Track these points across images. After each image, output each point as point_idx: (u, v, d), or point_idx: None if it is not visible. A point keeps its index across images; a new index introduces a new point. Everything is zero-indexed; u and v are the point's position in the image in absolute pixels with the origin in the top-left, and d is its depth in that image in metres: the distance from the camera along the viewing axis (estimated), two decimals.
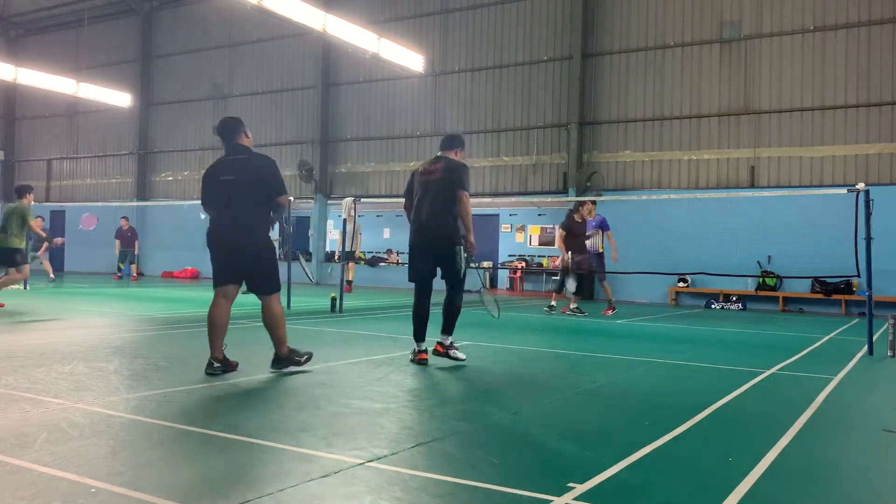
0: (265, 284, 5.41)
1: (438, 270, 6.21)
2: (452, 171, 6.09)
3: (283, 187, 5.46)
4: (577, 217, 12.03)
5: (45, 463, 3.05)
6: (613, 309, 12.26)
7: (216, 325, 5.32)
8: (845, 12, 15.09)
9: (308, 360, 5.58)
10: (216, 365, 5.29)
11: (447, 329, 6.17)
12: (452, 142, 6.37)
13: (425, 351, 6.14)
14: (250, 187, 5.32)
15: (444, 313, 6.16)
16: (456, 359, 6.10)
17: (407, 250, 6.60)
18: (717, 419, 4.38)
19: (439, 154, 6.33)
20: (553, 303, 12.22)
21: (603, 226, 12.35)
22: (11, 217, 10.44)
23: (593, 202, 12.63)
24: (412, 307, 6.24)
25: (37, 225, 10.80)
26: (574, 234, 11.92)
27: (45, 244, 17.57)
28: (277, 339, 5.41)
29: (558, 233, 12.04)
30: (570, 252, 11.80)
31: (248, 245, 5.33)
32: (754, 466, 3.29)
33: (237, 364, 5.42)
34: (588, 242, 12.21)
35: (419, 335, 6.16)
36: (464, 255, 6.04)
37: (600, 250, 12.28)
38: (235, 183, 5.33)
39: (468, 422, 4.05)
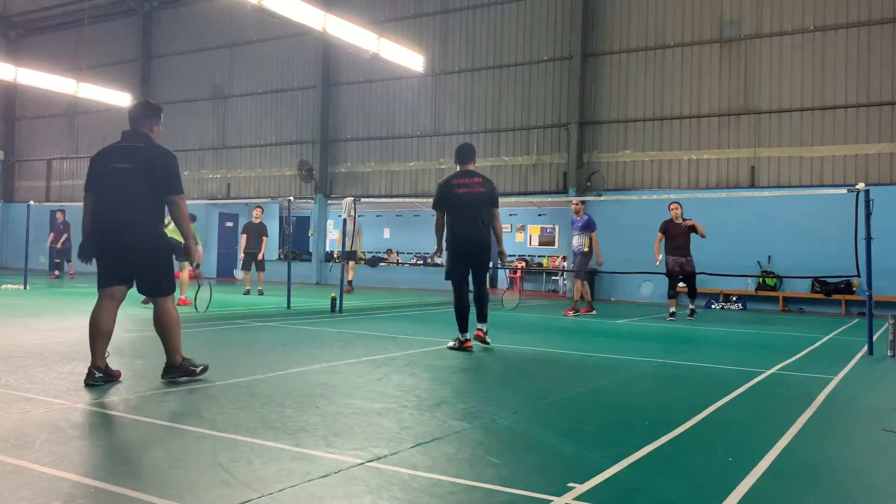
0: (157, 285, 4.93)
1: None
2: (491, 188, 7.12)
3: (177, 184, 4.90)
4: (672, 214, 11.89)
5: (45, 463, 3.05)
6: (576, 311, 12.00)
7: (100, 331, 4.83)
8: (845, 12, 15.09)
9: (203, 371, 5.07)
10: (97, 375, 4.78)
11: (483, 318, 7.16)
12: (471, 154, 7.21)
13: (470, 339, 7.01)
14: (144, 178, 4.81)
15: (479, 305, 7.14)
16: (487, 343, 7.16)
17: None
18: (718, 419, 4.38)
19: (461, 168, 7.13)
20: (673, 310, 12.00)
21: (589, 226, 12.07)
22: None
23: (582, 202, 12.52)
24: (455, 304, 7.05)
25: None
26: (669, 234, 11.87)
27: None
28: (171, 345, 4.94)
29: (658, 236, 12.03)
30: (662, 254, 11.84)
31: (139, 241, 4.80)
32: (754, 466, 3.29)
33: (120, 373, 5.01)
34: (574, 242, 12.15)
35: (464, 327, 7.00)
36: (499, 262, 7.46)
37: (585, 249, 12.10)
38: (129, 172, 4.81)
39: (468, 422, 4.05)
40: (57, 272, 20.20)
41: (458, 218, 6.97)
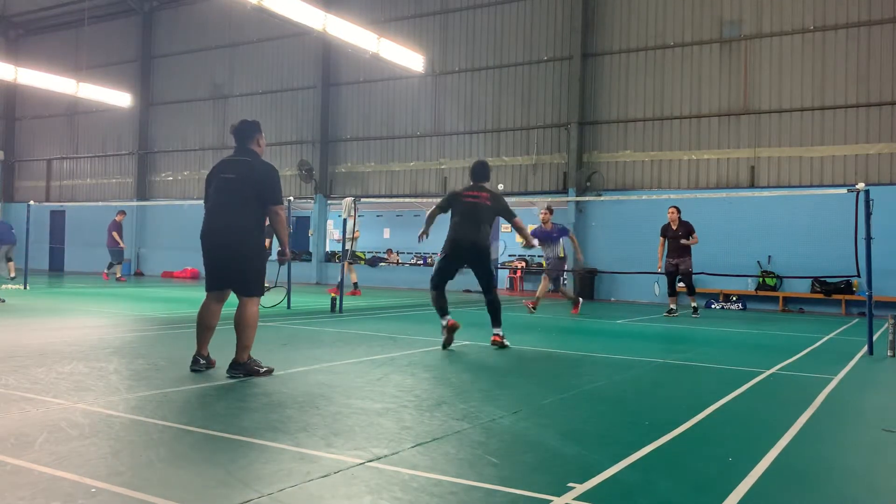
0: (245, 285, 5.34)
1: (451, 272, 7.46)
2: (500, 202, 7.54)
3: (278, 196, 5.40)
4: (669, 219, 12.47)
5: (45, 463, 3.05)
6: (577, 306, 12.27)
7: (205, 326, 5.45)
8: (845, 12, 15.08)
9: (267, 373, 5.34)
10: (202, 362, 5.42)
11: (498, 323, 7.33)
12: (485, 172, 7.60)
13: (453, 319, 7.10)
14: (248, 189, 5.31)
15: (491, 311, 7.33)
16: (505, 345, 7.25)
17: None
18: (717, 419, 4.38)
19: (473, 184, 7.50)
20: (672, 307, 12.58)
21: (564, 233, 12.22)
22: None
23: (550, 210, 12.41)
24: (434, 298, 7.30)
25: None
26: (668, 237, 12.44)
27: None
28: (242, 343, 5.26)
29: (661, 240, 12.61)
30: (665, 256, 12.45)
31: (237, 244, 5.30)
32: (754, 466, 3.29)
33: (215, 361, 5.54)
34: (549, 250, 12.15)
35: (445, 311, 7.20)
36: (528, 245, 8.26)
37: (561, 255, 12.16)
38: (234, 182, 5.34)
39: (468, 422, 4.05)
40: (114, 274, 19.82)
41: (460, 220, 7.26)
